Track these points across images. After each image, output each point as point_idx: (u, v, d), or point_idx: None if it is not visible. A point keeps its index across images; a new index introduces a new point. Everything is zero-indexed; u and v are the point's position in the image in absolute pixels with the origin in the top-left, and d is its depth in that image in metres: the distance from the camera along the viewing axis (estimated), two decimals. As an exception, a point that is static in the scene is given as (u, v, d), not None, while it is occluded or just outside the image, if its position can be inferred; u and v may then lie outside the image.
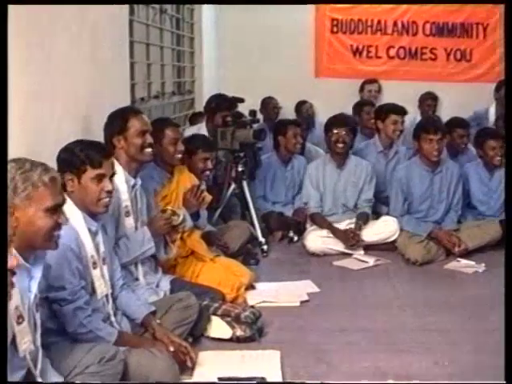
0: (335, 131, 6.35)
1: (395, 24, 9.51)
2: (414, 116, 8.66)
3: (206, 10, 8.61)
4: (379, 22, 9.48)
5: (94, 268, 3.50)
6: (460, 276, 5.68)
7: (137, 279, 4.29)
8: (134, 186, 4.30)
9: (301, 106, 9.09)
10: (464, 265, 5.90)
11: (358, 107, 8.33)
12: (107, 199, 3.51)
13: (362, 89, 9.22)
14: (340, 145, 6.35)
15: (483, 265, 5.88)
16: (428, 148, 6.22)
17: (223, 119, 6.40)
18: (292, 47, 9.25)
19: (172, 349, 3.62)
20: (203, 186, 5.32)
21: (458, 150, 7.19)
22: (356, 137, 6.65)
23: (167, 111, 7.10)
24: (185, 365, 3.65)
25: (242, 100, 6.63)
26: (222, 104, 6.72)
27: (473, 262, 5.94)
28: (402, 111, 7.04)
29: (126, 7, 5.49)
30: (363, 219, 6.31)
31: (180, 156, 5.05)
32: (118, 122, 4.28)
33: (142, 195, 4.43)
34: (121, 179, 4.13)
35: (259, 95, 8.80)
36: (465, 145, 7.30)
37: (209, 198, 5.31)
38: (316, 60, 9.49)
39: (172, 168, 5.14)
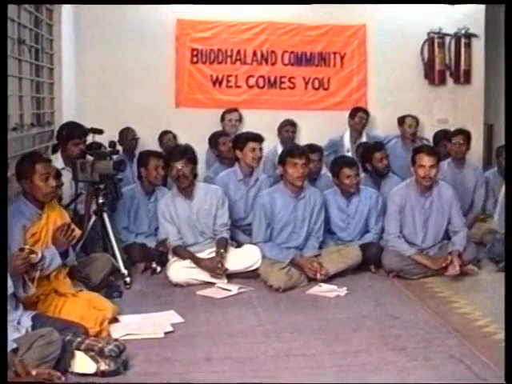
0: (174, 165, 6.32)
1: (254, 54, 9.60)
2: (274, 144, 8.78)
3: (66, 40, 8.47)
4: (239, 51, 9.55)
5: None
6: (322, 300, 5.76)
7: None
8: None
9: (163, 136, 9.06)
10: (326, 289, 6.01)
11: (214, 139, 8.37)
12: None
13: (222, 118, 9.25)
14: (180, 179, 6.32)
15: (345, 288, 6.01)
16: (293, 172, 6.32)
17: (76, 147, 6.36)
18: (153, 78, 9.21)
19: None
20: (68, 219, 5.23)
21: (313, 176, 7.34)
22: (197, 164, 6.61)
23: (26, 143, 6.92)
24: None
25: (100, 131, 6.51)
26: (73, 132, 6.64)
27: (334, 287, 6.07)
28: (259, 139, 7.11)
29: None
30: (223, 245, 6.32)
31: (52, 191, 4.96)
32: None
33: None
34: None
35: (120, 126, 8.70)
36: (318, 170, 7.45)
37: (78, 233, 5.22)
38: (176, 90, 9.47)
39: (43, 204, 5.01)
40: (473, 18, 10.11)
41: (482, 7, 10.14)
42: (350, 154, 8.74)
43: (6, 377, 2.24)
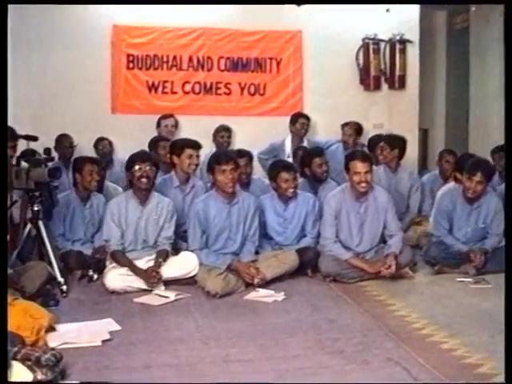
0: (138, 167, 6.33)
1: (190, 59, 9.58)
2: (210, 150, 8.77)
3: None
4: (175, 57, 9.52)
5: None
6: (260, 306, 5.76)
7: None
8: None
9: (98, 143, 8.98)
10: (263, 294, 6.02)
11: (154, 142, 8.35)
12: None
13: (158, 124, 9.21)
14: (144, 180, 6.33)
15: (282, 293, 6.01)
16: (222, 179, 6.33)
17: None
18: (89, 84, 9.13)
19: None
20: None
21: (242, 181, 7.35)
22: (158, 172, 6.65)
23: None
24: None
25: (35, 138, 6.41)
26: None
27: (272, 292, 6.07)
28: (196, 145, 7.12)
29: None
30: (163, 256, 6.30)
31: None
32: None
33: None
34: None
35: (56, 132, 8.61)
36: (248, 174, 7.48)
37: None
38: (112, 96, 9.40)
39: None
40: (407, 24, 10.25)
41: (416, 14, 10.30)
42: (290, 160, 8.77)
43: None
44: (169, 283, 6.22)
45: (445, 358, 4.50)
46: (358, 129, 9.54)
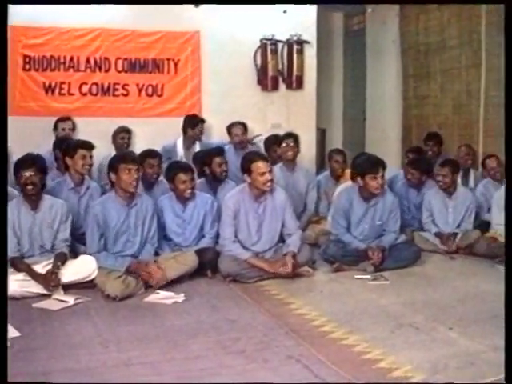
0: (23, 173, 6.16)
1: (88, 61, 9.47)
2: (109, 152, 8.68)
3: None
4: (72, 58, 9.39)
5: None
6: (160, 307, 5.73)
7: None
8: None
9: (-6, 146, 8.78)
10: (163, 296, 5.99)
11: (58, 143, 8.18)
12: None
13: (55, 127, 9.05)
14: (29, 187, 6.16)
15: (182, 295, 6.01)
16: (127, 178, 6.28)
17: None
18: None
19: None
20: None
21: (151, 181, 7.33)
22: (46, 174, 6.49)
23: None
24: None
25: None
26: None
27: (172, 293, 6.05)
28: (89, 146, 7.05)
29: None
30: (61, 259, 6.18)
31: None
32: None
33: None
34: None
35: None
36: (157, 175, 7.46)
37: None
38: (9, 98, 9.20)
39: None
40: (305, 25, 10.36)
41: (313, 15, 10.43)
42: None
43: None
44: (68, 287, 6.11)
45: (345, 354, 4.58)
46: (244, 128, 9.57)
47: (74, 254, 6.47)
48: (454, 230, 7.95)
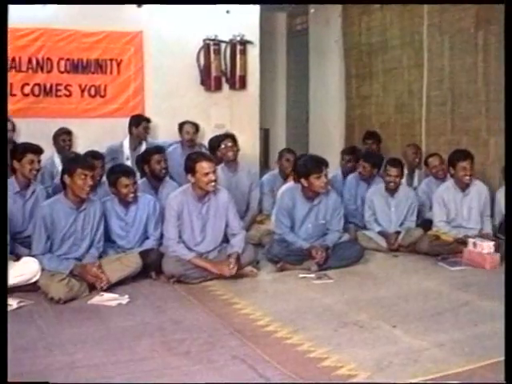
0: None
1: (30, 61, 9.35)
2: (50, 154, 8.60)
3: None
4: (13, 59, 9.24)
5: None
6: (104, 310, 5.70)
7: None
8: None
9: None
10: (108, 298, 5.96)
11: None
12: None
13: (-6, 128, 8.95)
14: None
15: (126, 296, 5.99)
16: (81, 184, 6.21)
17: None
18: None
19: None
20: None
21: (95, 183, 7.27)
22: None
23: None
24: None
25: None
26: None
27: (116, 295, 6.03)
28: (38, 150, 6.95)
29: None
30: None
31: None
32: None
33: None
34: None
35: None
36: (100, 177, 7.42)
37: None
38: None
39: None
40: (248, 25, 10.38)
41: (256, 15, 10.47)
42: (129, 162, 8.74)
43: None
44: (11, 290, 6.00)
45: (290, 354, 4.61)
46: (195, 128, 9.59)
47: (17, 257, 6.39)
48: (397, 229, 8.04)
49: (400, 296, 6.09)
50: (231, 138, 8.59)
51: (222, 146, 8.54)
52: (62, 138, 9.08)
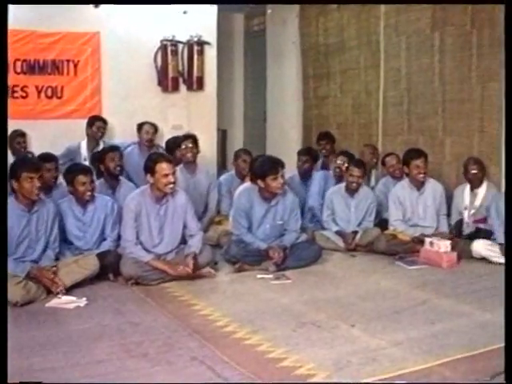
0: None
1: (-16, 62, 9.30)
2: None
3: None
4: (-33, 60, 9.19)
5: None
6: (62, 312, 5.65)
7: None
8: None
9: None
10: (65, 301, 5.91)
11: None
12: None
13: None
14: None
15: (84, 299, 5.94)
16: (29, 187, 6.12)
17: None
18: None
19: None
20: None
21: (50, 185, 7.22)
22: None
23: None
24: None
25: None
26: None
27: (74, 298, 5.98)
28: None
29: None
30: None
31: None
32: None
33: None
34: None
35: None
36: (55, 179, 7.37)
37: None
38: None
39: None
40: (205, 25, 10.39)
41: (214, 16, 10.47)
42: (87, 163, 8.68)
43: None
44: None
45: (249, 354, 4.62)
46: (154, 128, 9.59)
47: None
48: (355, 229, 8.09)
49: (358, 295, 6.13)
50: (192, 138, 8.58)
51: (183, 147, 8.52)
52: (17, 141, 9.00)
